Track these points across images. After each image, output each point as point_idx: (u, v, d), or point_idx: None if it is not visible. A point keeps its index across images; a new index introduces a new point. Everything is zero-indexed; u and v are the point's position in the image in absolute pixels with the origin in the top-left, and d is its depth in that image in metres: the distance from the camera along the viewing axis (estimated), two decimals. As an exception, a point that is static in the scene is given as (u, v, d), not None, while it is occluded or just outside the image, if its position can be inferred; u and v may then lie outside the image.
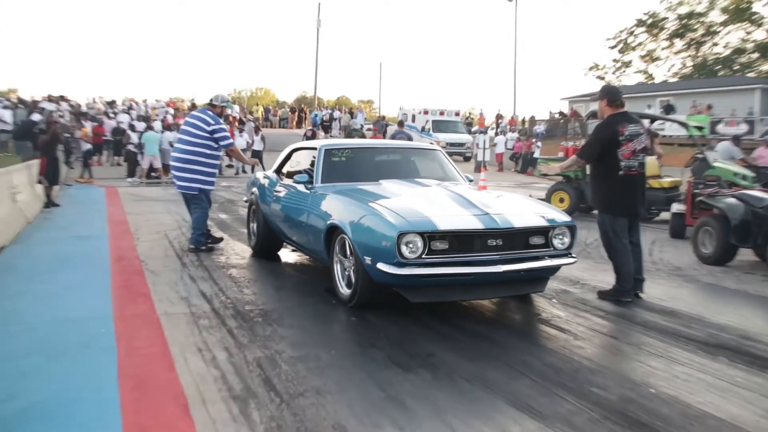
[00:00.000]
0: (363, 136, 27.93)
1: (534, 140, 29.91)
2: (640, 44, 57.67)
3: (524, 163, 28.98)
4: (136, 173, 19.74)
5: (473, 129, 36.52)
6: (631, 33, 57.10)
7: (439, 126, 31.38)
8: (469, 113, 50.89)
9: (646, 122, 18.96)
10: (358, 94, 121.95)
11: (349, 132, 21.57)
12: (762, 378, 4.28)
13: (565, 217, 5.66)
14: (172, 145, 20.35)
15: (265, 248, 7.80)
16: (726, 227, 7.96)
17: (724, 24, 53.06)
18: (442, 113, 32.38)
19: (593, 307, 5.89)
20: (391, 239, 4.92)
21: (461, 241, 5.14)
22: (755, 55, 51.43)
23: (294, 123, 43.55)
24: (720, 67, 52.92)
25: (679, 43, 55.76)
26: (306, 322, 5.22)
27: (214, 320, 5.16)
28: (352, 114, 40.84)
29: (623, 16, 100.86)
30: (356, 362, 4.33)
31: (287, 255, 8.11)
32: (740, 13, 51.17)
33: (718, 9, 53.07)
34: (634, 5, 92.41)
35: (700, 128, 13.26)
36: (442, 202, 5.57)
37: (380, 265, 5.02)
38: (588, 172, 12.82)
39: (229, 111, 8.32)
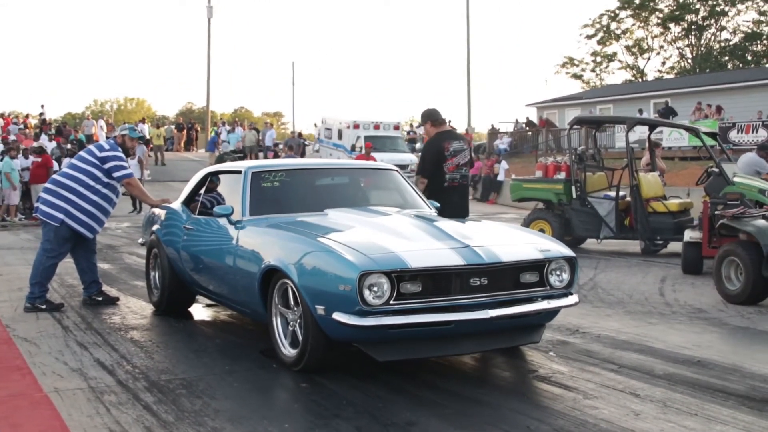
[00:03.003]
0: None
1: (496, 158, 30.73)
2: (625, 32, 60.02)
3: (485, 188, 29.71)
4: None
5: (417, 146, 37.17)
6: (614, 17, 59.32)
7: (375, 143, 31.79)
8: (410, 125, 51.72)
9: (643, 130, 19.84)
10: (261, 106, 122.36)
11: (220, 156, 21.56)
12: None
13: (562, 249, 6.00)
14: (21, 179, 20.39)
15: (172, 304, 7.93)
16: (757, 256, 8.49)
17: (732, 2, 55.50)
18: (377, 126, 32.92)
19: (602, 359, 6.25)
20: (351, 282, 5.13)
21: (437, 282, 5.38)
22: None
23: (182, 144, 43.47)
24: (728, 58, 55.32)
25: (675, 29, 58.18)
26: (244, 391, 5.39)
27: (124, 395, 5.27)
28: (257, 131, 41.05)
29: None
30: (317, 437, 4.51)
31: (201, 311, 8.25)
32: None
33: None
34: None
35: (714, 135, 14.00)
36: (409, 233, 5.84)
37: (337, 316, 5.22)
38: (573, 195, 13.53)
39: (133, 140, 8.47)
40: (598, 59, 61.63)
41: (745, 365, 6.09)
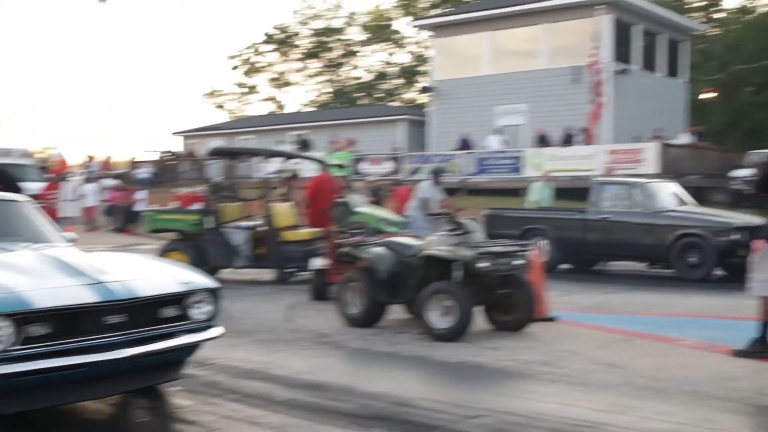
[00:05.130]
0: None
1: (135, 188, 30.10)
2: (269, 65, 61.69)
3: (124, 218, 28.99)
4: None
5: (50, 176, 35.48)
6: (259, 51, 60.79)
7: (0, 172, 29.93)
8: (48, 154, 49.21)
9: (276, 161, 20.36)
10: None
11: None
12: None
13: (204, 280, 5.88)
14: None
15: None
16: (373, 281, 9.03)
17: (365, 43, 59.37)
18: (6, 154, 30.87)
19: (225, 390, 6.30)
20: None
21: (68, 322, 5.03)
22: (399, 81, 58.33)
23: None
24: (362, 94, 58.89)
25: (314, 65, 60.84)
26: None
27: None
28: None
29: (255, 31, 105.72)
30: None
31: None
32: (380, 32, 57.71)
33: (357, 25, 59.20)
34: (266, 19, 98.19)
35: (341, 166, 14.75)
36: (35, 270, 5.42)
37: None
38: (208, 225, 13.56)
39: None
40: (243, 90, 62.75)
41: (358, 385, 6.44)
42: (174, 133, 46.67)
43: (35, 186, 30.44)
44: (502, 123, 30.21)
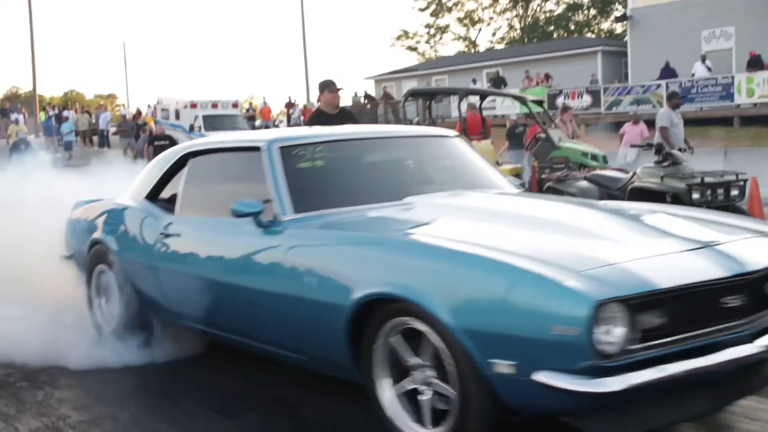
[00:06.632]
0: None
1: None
2: (457, 4, 61.39)
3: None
4: None
5: (257, 123, 36.91)
6: (445, -10, 60.58)
7: (214, 123, 31.36)
8: (250, 104, 51.40)
9: (468, 100, 20.55)
10: (93, 88, 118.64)
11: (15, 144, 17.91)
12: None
13: None
14: None
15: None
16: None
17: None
18: (215, 105, 32.44)
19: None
20: (577, 321, 3.15)
21: (689, 308, 3.49)
22: (592, 12, 56.64)
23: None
24: (553, 27, 57.64)
25: (503, 1, 60.04)
26: (90, 380, 5.26)
27: (-43, 393, 5.08)
28: (90, 114, 39.85)
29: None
30: (163, 417, 4.57)
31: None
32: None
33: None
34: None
35: (540, 102, 14.65)
36: (605, 232, 3.91)
37: (544, 377, 3.23)
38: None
39: None
40: (432, 31, 62.79)
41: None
42: (366, 78, 47.48)
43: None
44: (707, 48, 28.71)
